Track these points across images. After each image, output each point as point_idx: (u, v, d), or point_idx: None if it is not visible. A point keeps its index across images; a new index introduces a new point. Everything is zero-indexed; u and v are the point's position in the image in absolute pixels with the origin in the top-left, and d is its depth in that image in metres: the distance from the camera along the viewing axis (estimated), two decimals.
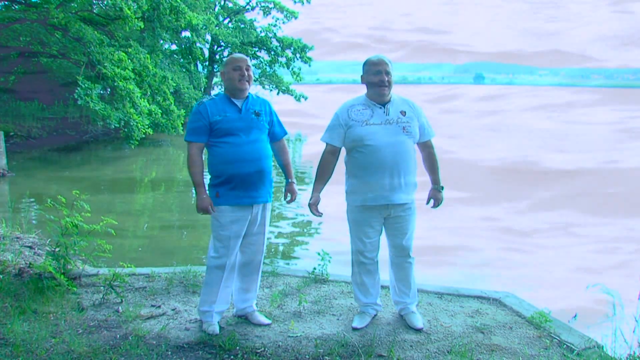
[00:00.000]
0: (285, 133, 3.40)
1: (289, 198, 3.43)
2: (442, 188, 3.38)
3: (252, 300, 3.39)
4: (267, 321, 3.35)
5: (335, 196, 3.51)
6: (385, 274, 3.49)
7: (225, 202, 3.12)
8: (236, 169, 3.08)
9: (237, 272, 3.34)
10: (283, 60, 26.18)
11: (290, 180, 3.41)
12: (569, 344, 3.09)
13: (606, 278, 5.49)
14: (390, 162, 3.10)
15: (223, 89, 3.29)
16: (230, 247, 3.18)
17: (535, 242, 7.31)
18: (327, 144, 3.29)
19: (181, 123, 15.04)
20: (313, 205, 3.30)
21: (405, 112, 3.19)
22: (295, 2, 25.56)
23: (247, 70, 3.16)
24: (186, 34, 20.20)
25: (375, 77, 3.15)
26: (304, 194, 3.68)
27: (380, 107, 3.18)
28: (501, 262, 6.51)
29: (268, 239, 3.72)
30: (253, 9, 26.89)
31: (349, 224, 3.35)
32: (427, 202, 3.41)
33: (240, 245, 3.26)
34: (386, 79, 3.14)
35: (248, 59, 3.25)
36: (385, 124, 3.14)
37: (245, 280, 3.35)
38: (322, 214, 3.32)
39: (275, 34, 26.49)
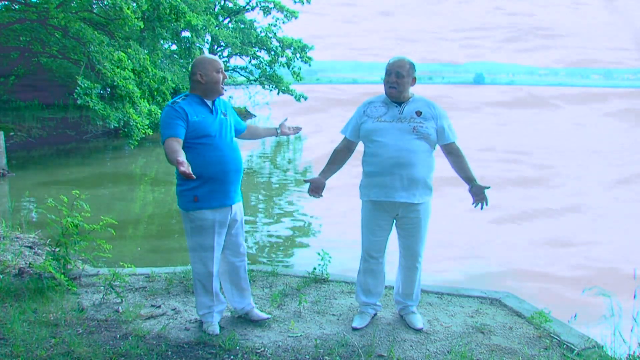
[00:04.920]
0: (244, 126, 3.42)
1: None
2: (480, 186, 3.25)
3: (248, 297, 3.39)
4: (266, 315, 3.36)
5: (336, 197, 3.51)
6: (392, 275, 3.49)
7: (207, 206, 3.05)
8: (217, 170, 3.03)
9: (227, 277, 3.32)
10: (283, 60, 26.20)
11: None
12: (569, 344, 3.10)
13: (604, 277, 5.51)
14: (394, 159, 3.10)
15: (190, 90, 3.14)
16: (215, 251, 3.12)
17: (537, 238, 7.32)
18: (343, 135, 3.38)
19: None
20: (311, 183, 3.33)
21: (421, 113, 3.18)
22: (295, 2, 25.60)
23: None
24: (186, 34, 20.21)
25: (387, 77, 3.20)
26: (305, 195, 3.66)
27: (396, 106, 3.21)
28: (501, 260, 6.51)
29: (269, 240, 3.73)
30: (253, 9, 26.94)
31: (360, 219, 3.36)
32: (475, 205, 3.28)
33: (224, 248, 3.22)
34: (397, 80, 3.16)
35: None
36: (396, 122, 3.15)
37: (236, 283, 3.33)
38: (318, 196, 3.35)
39: (275, 34, 26.53)
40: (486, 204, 3.26)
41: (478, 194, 3.26)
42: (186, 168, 2.62)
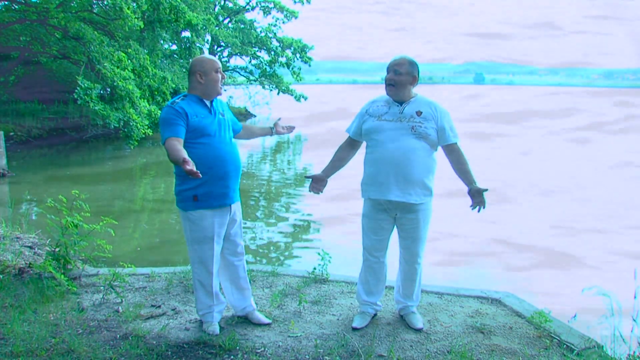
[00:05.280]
0: (240, 126, 3.43)
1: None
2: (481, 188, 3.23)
3: (249, 298, 3.39)
4: (267, 320, 3.35)
5: (336, 196, 3.50)
6: (393, 275, 3.49)
7: (206, 206, 3.04)
8: (216, 170, 3.02)
9: (227, 277, 3.32)
10: (283, 60, 26.20)
11: None
12: (569, 344, 3.09)
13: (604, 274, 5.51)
14: (391, 158, 3.10)
15: (188, 90, 3.13)
16: (215, 251, 3.12)
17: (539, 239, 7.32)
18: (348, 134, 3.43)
19: None
20: (312, 179, 3.39)
21: (421, 113, 3.16)
22: (295, 2, 25.61)
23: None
24: (186, 34, 20.22)
25: (387, 75, 3.21)
26: (305, 195, 3.68)
27: (398, 106, 3.20)
28: (502, 261, 6.51)
29: (269, 240, 3.72)
30: (253, 9, 26.95)
31: (361, 218, 3.37)
32: (472, 207, 3.27)
33: (223, 248, 3.22)
34: (394, 77, 3.16)
35: None
36: (395, 121, 3.15)
37: (236, 282, 3.33)
38: (319, 192, 3.40)
39: (275, 34, 26.53)
40: (484, 207, 3.25)
41: (476, 197, 3.24)
42: (192, 167, 2.63)
